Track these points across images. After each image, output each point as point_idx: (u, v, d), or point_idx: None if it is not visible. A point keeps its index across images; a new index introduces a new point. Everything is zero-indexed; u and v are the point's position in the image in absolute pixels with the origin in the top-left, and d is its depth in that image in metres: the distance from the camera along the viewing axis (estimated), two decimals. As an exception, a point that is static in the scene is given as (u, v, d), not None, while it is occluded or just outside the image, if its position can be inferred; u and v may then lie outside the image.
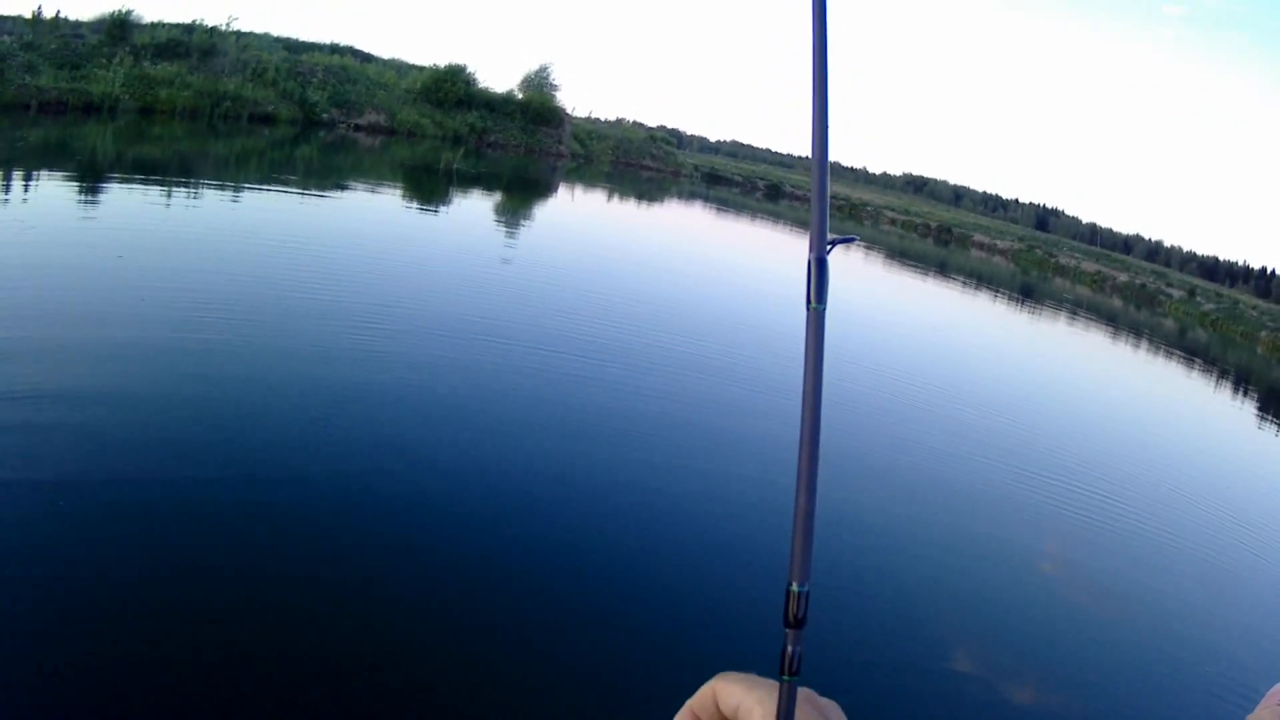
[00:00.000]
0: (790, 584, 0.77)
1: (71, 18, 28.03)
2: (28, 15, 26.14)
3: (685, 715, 0.82)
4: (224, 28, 33.34)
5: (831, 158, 0.85)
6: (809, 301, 0.80)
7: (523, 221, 24.75)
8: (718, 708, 0.79)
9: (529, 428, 8.20)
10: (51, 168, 16.19)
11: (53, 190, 13.95)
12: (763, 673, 0.79)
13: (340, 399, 7.84)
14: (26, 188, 13.93)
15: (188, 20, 32.14)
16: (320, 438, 6.98)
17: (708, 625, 5.66)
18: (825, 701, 0.80)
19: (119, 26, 27.91)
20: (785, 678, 0.74)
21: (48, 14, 26.99)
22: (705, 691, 0.80)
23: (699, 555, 6.59)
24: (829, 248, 0.82)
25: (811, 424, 0.78)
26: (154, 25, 30.17)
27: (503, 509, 6.53)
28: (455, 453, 7.35)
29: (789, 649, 0.75)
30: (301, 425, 7.13)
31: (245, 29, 36.63)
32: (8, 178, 14.27)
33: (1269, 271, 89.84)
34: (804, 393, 0.79)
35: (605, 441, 8.41)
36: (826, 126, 0.84)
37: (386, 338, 9.81)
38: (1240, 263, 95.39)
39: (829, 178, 0.85)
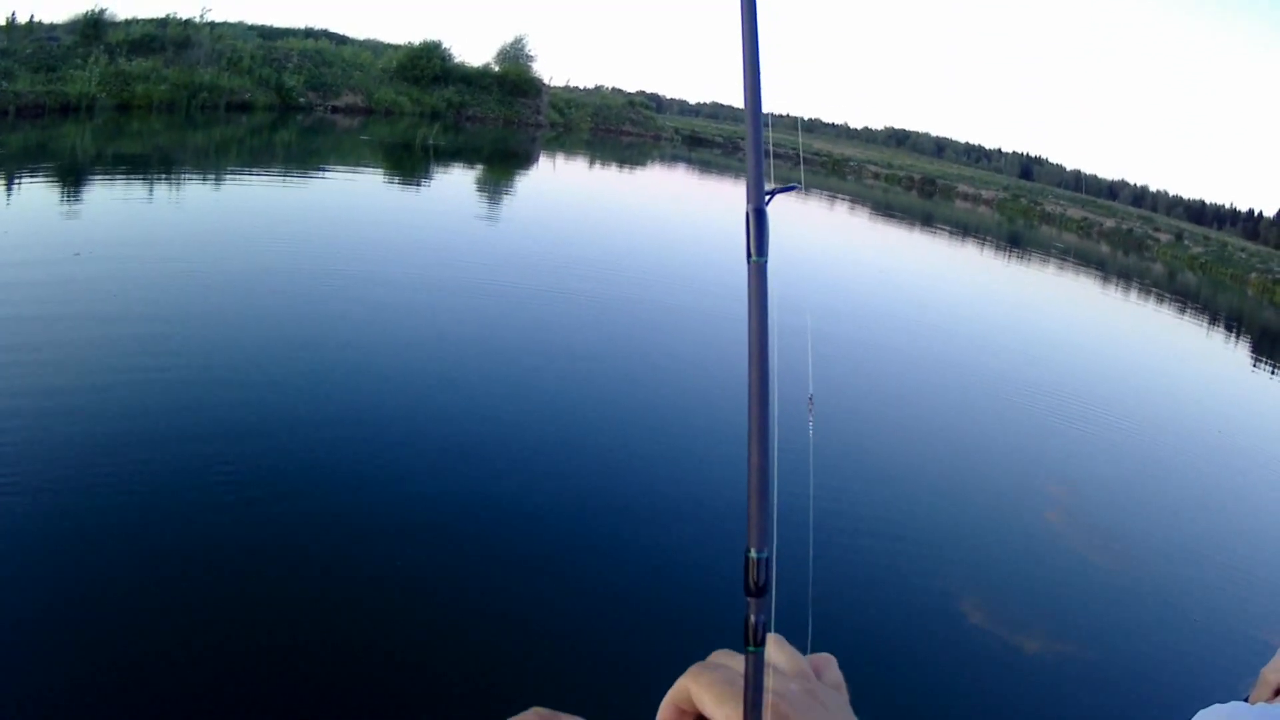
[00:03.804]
0: (749, 550, 0.72)
1: (46, 21, 27.80)
2: (1, 22, 25.92)
3: (668, 710, 0.78)
4: (198, 19, 33.11)
5: (813, 114, 0.81)
6: (749, 255, 0.77)
7: (498, 192, 24.74)
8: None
9: (492, 395, 8.34)
10: (29, 170, 16.10)
11: (29, 191, 13.89)
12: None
13: (308, 376, 8.00)
14: (7, 191, 13.90)
15: (161, 15, 31.89)
16: (293, 412, 7.12)
17: (687, 587, 5.71)
18: (818, 657, 0.79)
19: (93, 26, 27.64)
20: (750, 649, 0.70)
21: (22, 19, 26.79)
22: (680, 686, 0.76)
23: (678, 516, 6.66)
24: (768, 198, 0.79)
25: (760, 379, 0.74)
26: (128, 22, 29.90)
27: (474, 475, 6.62)
28: (421, 424, 7.43)
29: (751, 619, 0.71)
30: (275, 400, 7.27)
31: (219, 19, 36.36)
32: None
33: (1256, 214, 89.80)
34: (750, 347, 0.75)
35: (567, 406, 8.49)
36: (758, 68, 0.80)
37: (364, 312, 10.00)
38: (1227, 205, 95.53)
39: (765, 124, 0.81)
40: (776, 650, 0.78)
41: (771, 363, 0.75)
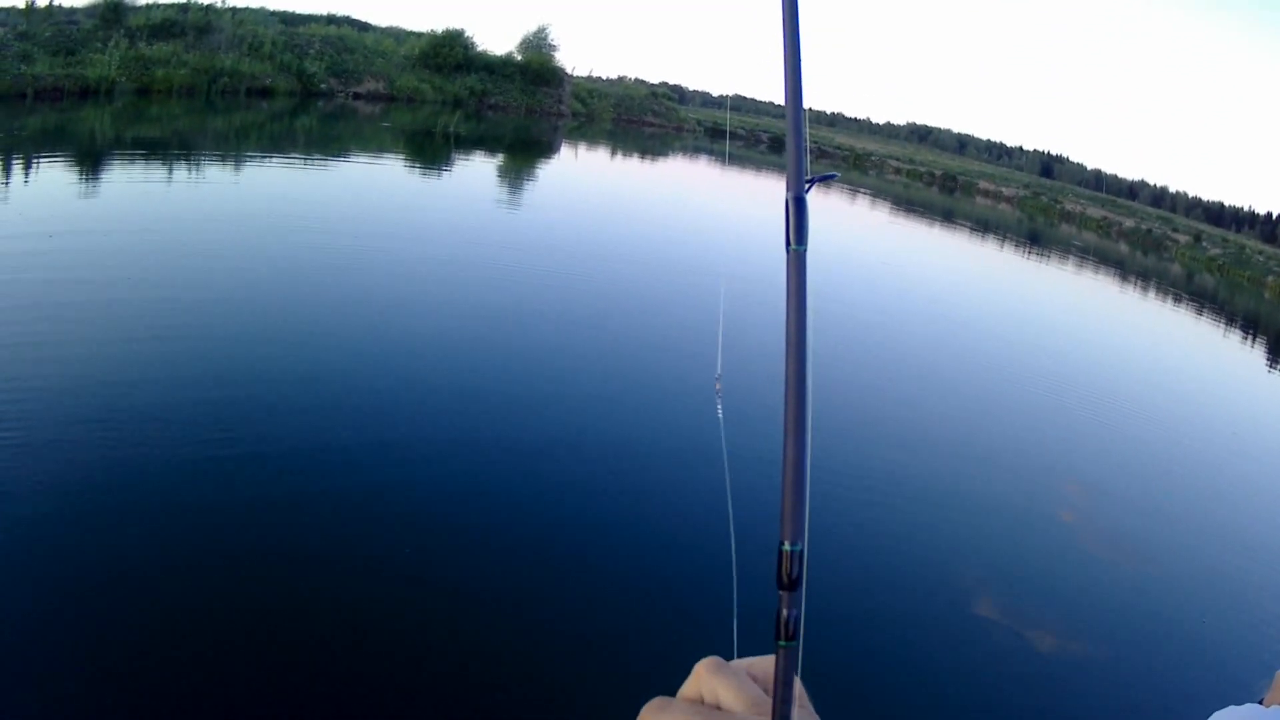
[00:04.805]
0: (782, 543, 0.72)
1: (66, 4, 27.85)
2: (21, 5, 25.99)
3: None
4: (219, 4, 33.19)
5: (835, 109, 0.78)
6: (788, 243, 0.76)
7: (519, 181, 24.69)
8: None
9: (509, 391, 8.26)
10: (48, 152, 16.16)
11: (49, 173, 13.93)
12: (763, 638, 0.77)
13: (314, 363, 7.98)
14: (26, 173, 13.94)
15: (182, 0, 31.98)
16: (296, 396, 7.13)
17: (704, 586, 5.59)
18: (765, 662, 0.75)
19: (113, 10, 27.71)
20: (782, 643, 0.70)
21: (41, 3, 26.82)
22: None
23: (695, 513, 6.56)
24: (807, 186, 0.79)
25: (796, 370, 0.74)
26: (149, 7, 30.02)
27: (493, 473, 6.56)
28: (434, 416, 7.40)
29: (784, 612, 0.71)
30: (275, 384, 7.28)
31: (240, 4, 36.45)
32: (7, 165, 14.27)
33: (1275, 217, 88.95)
34: (787, 338, 0.75)
35: (592, 398, 8.50)
36: (799, 59, 0.81)
37: (381, 297, 9.99)
38: (1246, 208, 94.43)
39: (805, 114, 0.81)
40: (718, 683, 0.73)
41: (809, 354, 0.74)
